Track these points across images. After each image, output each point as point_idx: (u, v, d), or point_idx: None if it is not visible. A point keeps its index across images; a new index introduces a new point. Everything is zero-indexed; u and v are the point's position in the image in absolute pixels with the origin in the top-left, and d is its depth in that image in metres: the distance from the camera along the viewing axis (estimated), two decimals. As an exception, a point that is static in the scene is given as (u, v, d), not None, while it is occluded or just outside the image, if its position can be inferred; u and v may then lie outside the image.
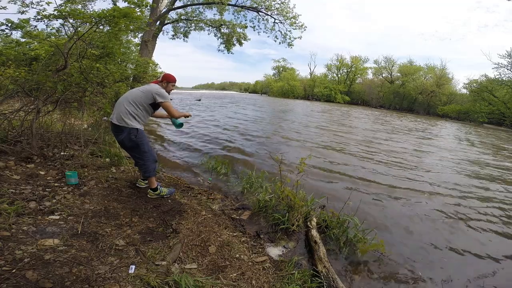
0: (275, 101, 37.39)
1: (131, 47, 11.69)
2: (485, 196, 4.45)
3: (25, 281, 1.39)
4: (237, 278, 1.83)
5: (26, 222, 1.95)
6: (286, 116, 15.66)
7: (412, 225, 3.14)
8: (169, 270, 1.74)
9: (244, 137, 7.52)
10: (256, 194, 3.30)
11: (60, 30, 4.62)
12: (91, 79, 4.07)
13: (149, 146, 2.74)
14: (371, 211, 3.32)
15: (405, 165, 5.97)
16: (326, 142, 7.82)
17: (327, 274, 1.92)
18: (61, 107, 4.40)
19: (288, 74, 62.80)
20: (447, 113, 36.69)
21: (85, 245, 1.82)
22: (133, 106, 2.55)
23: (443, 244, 2.80)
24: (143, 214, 2.44)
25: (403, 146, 8.53)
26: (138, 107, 2.57)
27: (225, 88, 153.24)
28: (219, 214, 2.80)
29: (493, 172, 6.35)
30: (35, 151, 3.21)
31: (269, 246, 2.36)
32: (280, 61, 70.75)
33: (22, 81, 3.47)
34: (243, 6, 13.74)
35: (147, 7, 4.22)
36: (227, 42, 14.24)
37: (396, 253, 2.53)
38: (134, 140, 2.57)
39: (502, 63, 31.66)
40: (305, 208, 2.86)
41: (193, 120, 10.19)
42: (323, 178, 4.49)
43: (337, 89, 52.71)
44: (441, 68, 42.58)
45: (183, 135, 7.21)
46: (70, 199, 2.43)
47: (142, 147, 2.64)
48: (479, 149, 10.22)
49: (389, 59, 51.01)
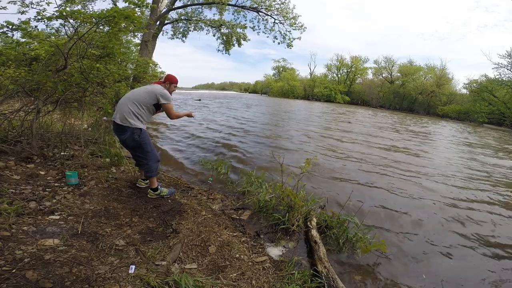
0: (276, 101, 37.39)
1: (131, 47, 11.69)
2: (490, 198, 4.44)
3: (25, 281, 1.39)
4: (237, 278, 1.83)
5: (26, 222, 1.95)
6: (288, 116, 15.66)
7: (413, 225, 3.14)
8: (169, 270, 1.74)
9: (244, 137, 7.52)
10: (256, 194, 3.30)
11: (60, 30, 4.62)
12: (91, 79, 4.07)
13: (151, 146, 2.76)
14: (371, 211, 3.31)
15: (407, 165, 5.97)
16: (326, 143, 7.82)
17: (327, 274, 1.92)
18: (61, 107, 4.41)
19: (288, 74, 62.83)
20: (447, 113, 36.69)
21: (85, 245, 1.82)
22: (137, 106, 2.57)
23: (443, 244, 2.80)
24: (143, 214, 2.44)
25: (405, 146, 8.53)
26: (141, 107, 2.59)
27: (225, 88, 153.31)
28: (219, 214, 2.80)
29: (499, 175, 6.35)
30: (35, 151, 3.21)
31: (269, 246, 2.36)
32: (280, 61, 70.91)
33: (22, 81, 3.47)
34: (243, 6, 13.74)
35: (147, 8, 4.22)
36: (227, 42, 14.25)
37: (396, 253, 2.53)
38: (137, 140, 2.59)
39: (502, 63, 31.68)
40: (305, 208, 2.86)
41: (193, 120, 10.18)
42: (323, 178, 4.49)
43: (337, 89, 52.73)
44: (441, 68, 42.63)
45: (183, 135, 7.21)
46: (70, 199, 2.43)
47: (145, 147, 2.66)
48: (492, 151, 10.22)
49: (389, 59, 51.09)
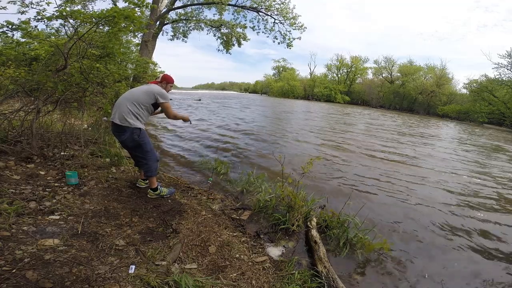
0: (276, 101, 37.38)
1: (131, 47, 11.69)
2: (492, 199, 4.44)
3: (25, 281, 1.39)
4: (237, 278, 1.83)
5: (26, 222, 1.95)
6: (288, 116, 15.66)
7: (413, 225, 3.14)
8: (169, 270, 1.74)
9: (244, 137, 7.52)
10: (256, 194, 3.30)
11: (60, 30, 4.62)
12: (91, 79, 4.07)
13: (151, 146, 2.76)
14: (371, 211, 3.31)
15: (408, 165, 5.97)
16: (327, 143, 7.82)
17: (327, 274, 1.92)
18: (61, 107, 4.40)
19: (288, 74, 62.78)
20: (447, 113, 36.69)
21: (85, 245, 1.82)
22: (136, 106, 2.57)
23: (444, 244, 2.80)
24: (143, 214, 2.44)
25: (406, 146, 8.53)
26: (140, 107, 2.59)
27: (225, 88, 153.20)
28: (219, 214, 2.80)
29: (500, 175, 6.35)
30: (35, 151, 3.21)
31: (269, 246, 2.36)
32: (280, 61, 70.81)
33: (22, 81, 3.46)
34: (243, 6, 13.74)
35: (147, 8, 4.22)
36: (227, 42, 14.24)
37: (396, 253, 2.53)
38: (137, 140, 2.60)
39: (502, 63, 31.68)
40: (305, 208, 2.86)
41: (193, 120, 10.17)
42: (323, 178, 4.49)
43: (337, 89, 52.72)
44: (441, 68, 42.60)
45: (182, 135, 7.20)
46: (70, 199, 2.43)
47: (144, 146, 2.67)
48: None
49: (389, 59, 51.06)
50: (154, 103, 2.67)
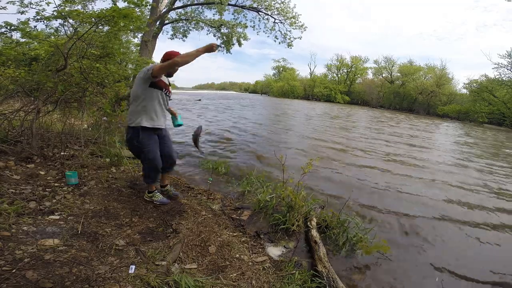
0: (276, 101, 37.36)
1: (131, 47, 11.68)
2: (494, 199, 4.44)
3: (25, 281, 1.39)
4: (237, 278, 1.83)
5: (26, 222, 1.95)
6: (289, 116, 15.66)
7: (413, 225, 3.13)
8: (169, 270, 1.74)
9: (244, 137, 7.52)
10: (256, 194, 3.30)
11: (59, 30, 4.62)
12: (91, 79, 4.07)
13: (148, 149, 2.62)
14: (371, 211, 3.31)
15: (408, 165, 5.97)
16: (326, 143, 7.81)
17: (327, 274, 1.92)
18: (61, 107, 4.40)
19: (288, 74, 62.76)
20: (447, 113, 36.69)
21: (85, 245, 1.82)
22: (132, 103, 2.47)
23: (444, 244, 2.80)
24: (143, 214, 2.44)
25: (407, 145, 8.53)
26: (136, 101, 2.44)
27: (225, 88, 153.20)
28: (219, 214, 2.80)
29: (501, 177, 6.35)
30: (35, 151, 3.21)
31: (269, 246, 2.36)
32: (280, 61, 70.77)
33: (22, 81, 3.47)
34: (243, 6, 13.72)
35: (147, 7, 4.22)
36: (227, 42, 14.22)
37: (396, 252, 2.52)
38: (129, 139, 2.50)
39: (502, 63, 31.73)
40: (305, 208, 2.86)
41: (193, 120, 10.19)
42: (323, 178, 4.49)
43: (337, 89, 52.73)
44: (441, 68, 42.62)
45: (182, 135, 7.20)
46: (70, 199, 2.42)
47: (141, 148, 2.61)
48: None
49: (389, 59, 51.07)
50: (153, 83, 2.38)
